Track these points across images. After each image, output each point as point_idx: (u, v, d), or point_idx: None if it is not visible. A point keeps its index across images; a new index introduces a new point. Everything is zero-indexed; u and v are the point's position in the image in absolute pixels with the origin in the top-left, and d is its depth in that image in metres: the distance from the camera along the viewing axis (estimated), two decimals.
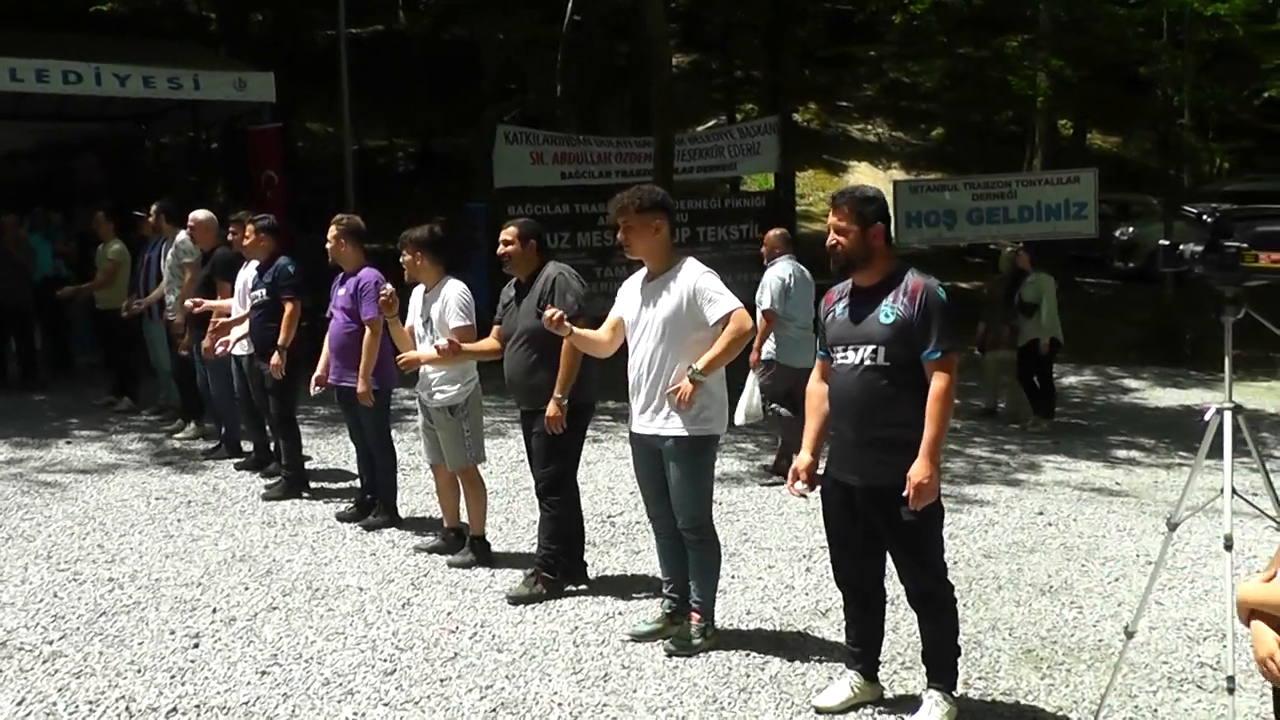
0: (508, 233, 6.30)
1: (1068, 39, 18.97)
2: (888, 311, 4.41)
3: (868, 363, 4.42)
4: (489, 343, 6.45)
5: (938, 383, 4.33)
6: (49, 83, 14.68)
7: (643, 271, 5.49)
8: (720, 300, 5.17)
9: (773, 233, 9.49)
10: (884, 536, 4.54)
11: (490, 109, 20.05)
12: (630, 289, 5.51)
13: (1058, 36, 18.98)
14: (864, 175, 26.84)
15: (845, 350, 4.50)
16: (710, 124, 24.74)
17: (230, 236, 9.21)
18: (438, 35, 23.30)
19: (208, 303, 9.16)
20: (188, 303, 9.33)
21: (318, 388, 7.79)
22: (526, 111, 23.91)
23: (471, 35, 23.04)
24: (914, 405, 4.35)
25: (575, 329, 5.58)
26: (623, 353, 5.58)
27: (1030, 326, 11.56)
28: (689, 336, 5.20)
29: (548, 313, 5.44)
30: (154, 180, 18.49)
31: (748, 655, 5.31)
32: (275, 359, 8.07)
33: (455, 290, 6.67)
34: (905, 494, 4.28)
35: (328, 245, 7.64)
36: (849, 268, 4.53)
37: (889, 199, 7.07)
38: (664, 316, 5.23)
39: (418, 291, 6.89)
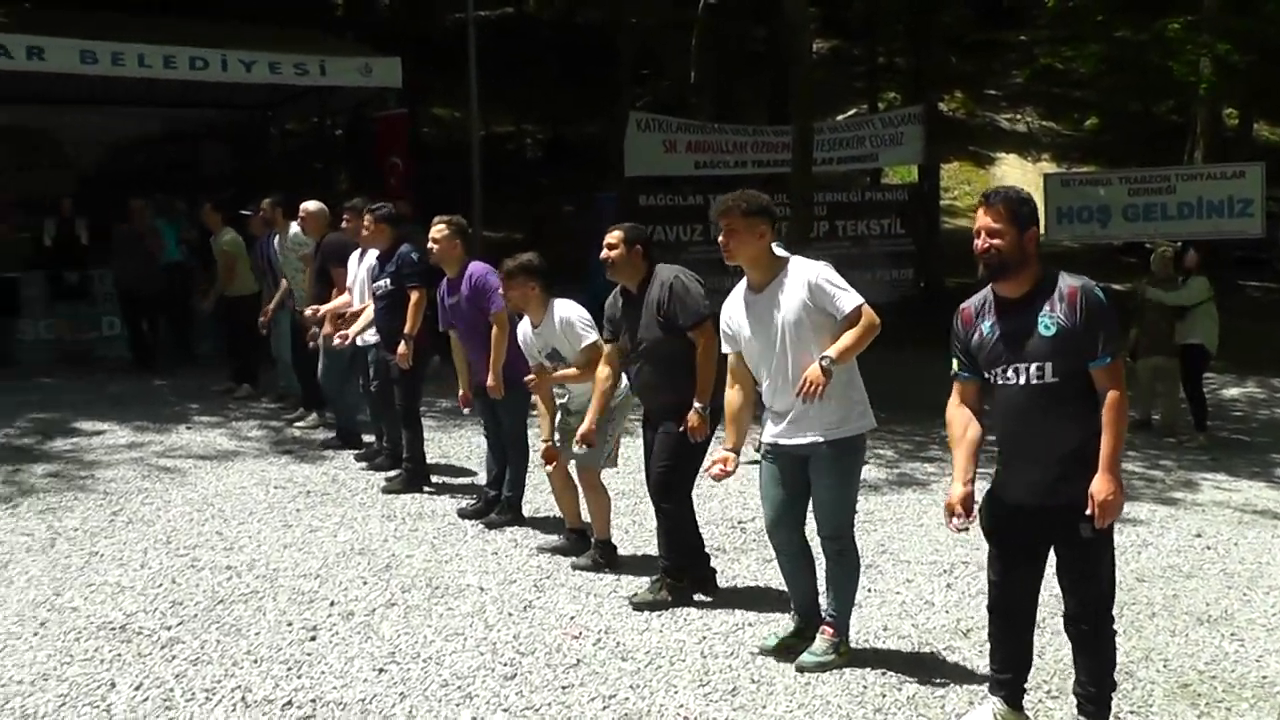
0: (612, 236, 6.15)
1: (1234, 21, 18.22)
2: (1047, 323, 4.19)
3: (1035, 381, 4.22)
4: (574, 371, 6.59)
5: (1112, 391, 4.14)
6: (176, 69, 15.07)
7: (743, 285, 5.35)
8: (848, 293, 5.04)
9: None
10: (1059, 557, 4.35)
11: (623, 95, 20.04)
12: (735, 307, 5.35)
13: (1223, 18, 18.26)
14: (1012, 167, 26.32)
15: (1007, 370, 4.29)
16: (851, 113, 24.46)
17: (344, 224, 9.29)
18: (569, 19, 23.35)
19: (324, 307, 9.25)
20: (306, 311, 9.47)
21: (465, 408, 7.83)
22: (660, 98, 23.86)
23: (604, 19, 23.04)
24: (1088, 418, 4.17)
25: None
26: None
27: (1185, 330, 11.21)
28: (817, 334, 5.06)
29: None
30: (278, 167, 18.81)
31: (884, 674, 5.16)
32: (401, 349, 8.09)
33: (571, 311, 6.64)
34: (1088, 512, 4.10)
35: (432, 245, 7.58)
36: (1000, 274, 4.29)
37: (1039, 193, 6.83)
38: (789, 321, 5.09)
39: (525, 329, 6.86)
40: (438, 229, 7.56)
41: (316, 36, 18.73)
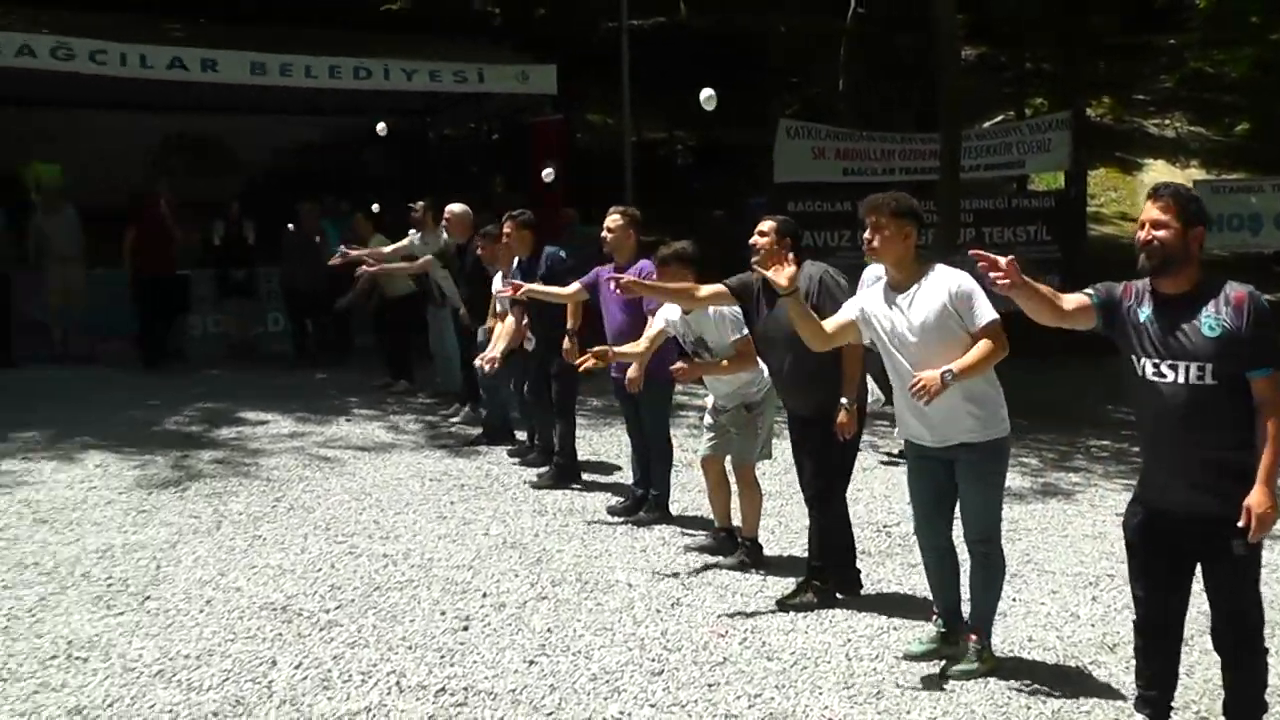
0: (765, 225, 6.06)
1: None
2: (1211, 324, 3.97)
3: (1194, 381, 3.99)
4: (725, 363, 6.52)
5: (1275, 402, 3.93)
6: (341, 79, 15.45)
7: (883, 281, 5.23)
8: (984, 308, 4.87)
9: None
10: (1207, 572, 4.14)
11: (772, 102, 19.86)
12: (875, 300, 5.20)
13: None
14: (1160, 174, 25.36)
15: (1161, 365, 4.07)
16: (998, 119, 23.89)
17: (479, 251, 9.33)
18: (720, 27, 23.25)
19: (496, 346, 9.13)
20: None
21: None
22: (808, 105, 23.62)
23: (754, 27, 22.92)
24: (1245, 427, 3.95)
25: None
26: None
27: None
28: (945, 341, 4.90)
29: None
30: (436, 171, 19.08)
31: (1028, 686, 4.97)
32: (566, 344, 7.99)
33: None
34: (1241, 524, 3.88)
35: (606, 234, 7.62)
36: (1161, 269, 4.07)
37: None
38: (928, 324, 4.92)
39: (674, 312, 6.77)
40: (613, 218, 7.61)
41: (475, 45, 18.98)
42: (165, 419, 10.46)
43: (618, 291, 6.50)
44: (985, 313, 4.87)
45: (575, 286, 7.80)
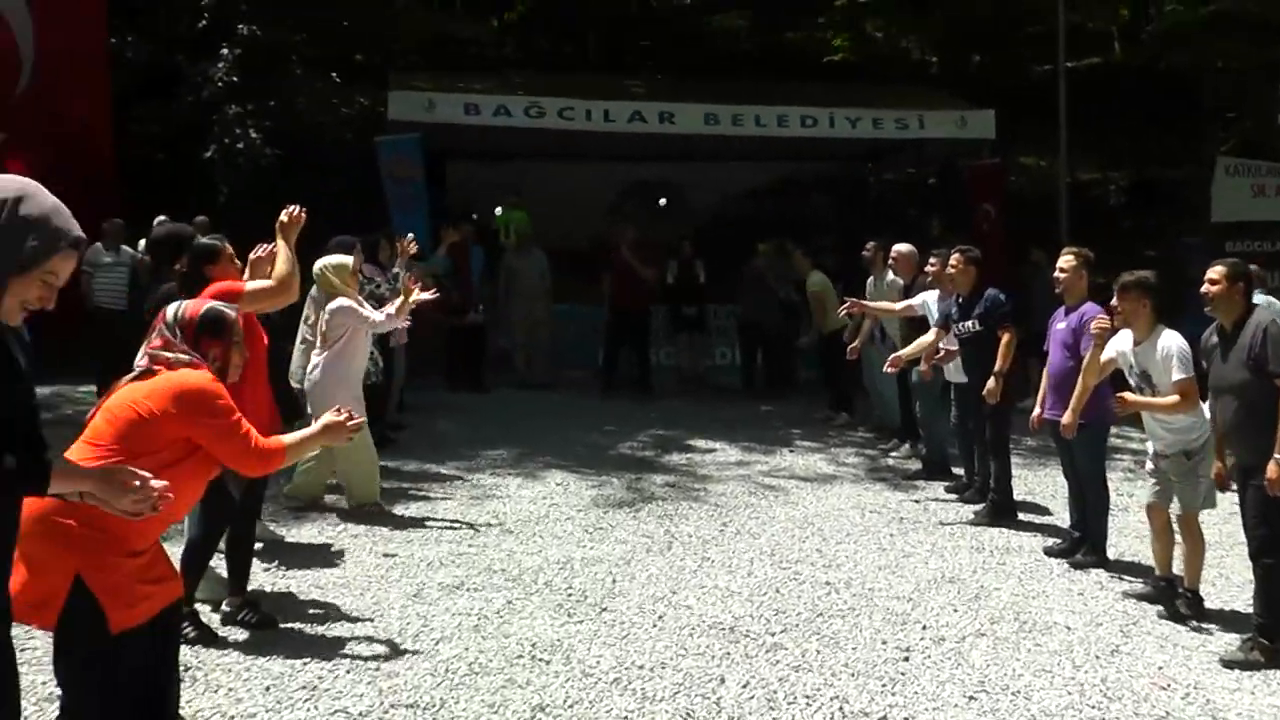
0: (1215, 272, 5.74)
1: None
2: None
3: None
4: (1168, 400, 6.08)
5: None
6: (788, 127, 15.68)
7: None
8: None
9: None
10: None
11: (1206, 139, 18.54)
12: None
13: None
14: None
15: None
16: None
17: (928, 279, 9.18)
18: (1154, 65, 21.96)
19: (906, 350, 9.08)
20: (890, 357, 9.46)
21: (1034, 427, 7.55)
22: (1245, 141, 21.88)
23: (1189, 63, 21.52)
24: None
25: None
26: None
27: None
28: None
29: None
30: (875, 215, 19.00)
31: None
32: (991, 384, 7.88)
33: (1174, 342, 6.16)
34: None
35: (1059, 274, 7.36)
36: None
37: None
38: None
39: (1124, 343, 6.47)
40: (1066, 259, 7.38)
41: (915, 93, 18.80)
42: (620, 444, 10.87)
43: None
44: None
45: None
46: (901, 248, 9.99)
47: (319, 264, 7.99)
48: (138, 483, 2.98)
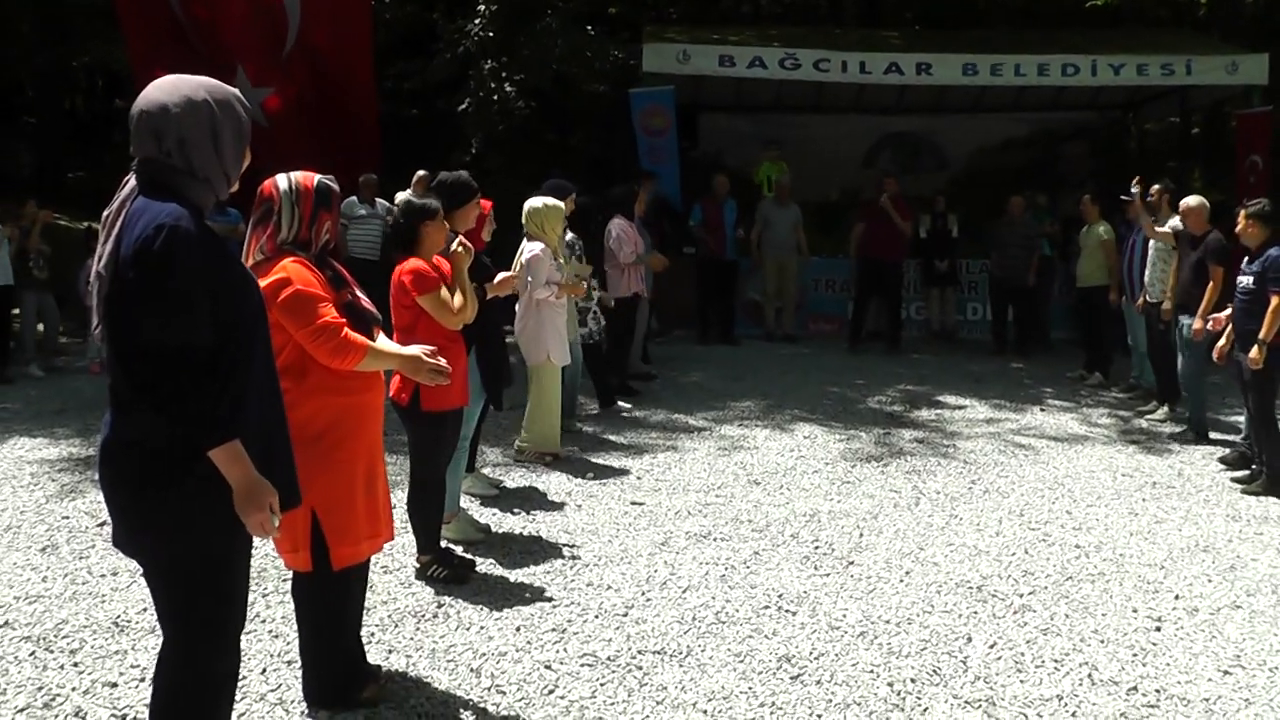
0: None
1: None
2: None
3: None
4: None
5: None
6: (1048, 76, 15.19)
7: None
8: None
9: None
10: None
11: None
12: None
13: None
14: None
15: None
16: None
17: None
18: None
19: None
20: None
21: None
22: None
23: None
24: None
25: None
26: None
27: None
28: None
29: None
30: (1135, 165, 18.19)
31: None
32: (1254, 352, 7.49)
33: None
34: None
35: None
36: None
37: None
38: None
39: None
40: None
41: (1182, 37, 17.87)
42: (869, 398, 10.83)
43: None
44: None
45: None
46: (1191, 201, 9.38)
47: (530, 202, 7.88)
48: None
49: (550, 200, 7.89)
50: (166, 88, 3.02)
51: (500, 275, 6.54)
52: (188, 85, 3.04)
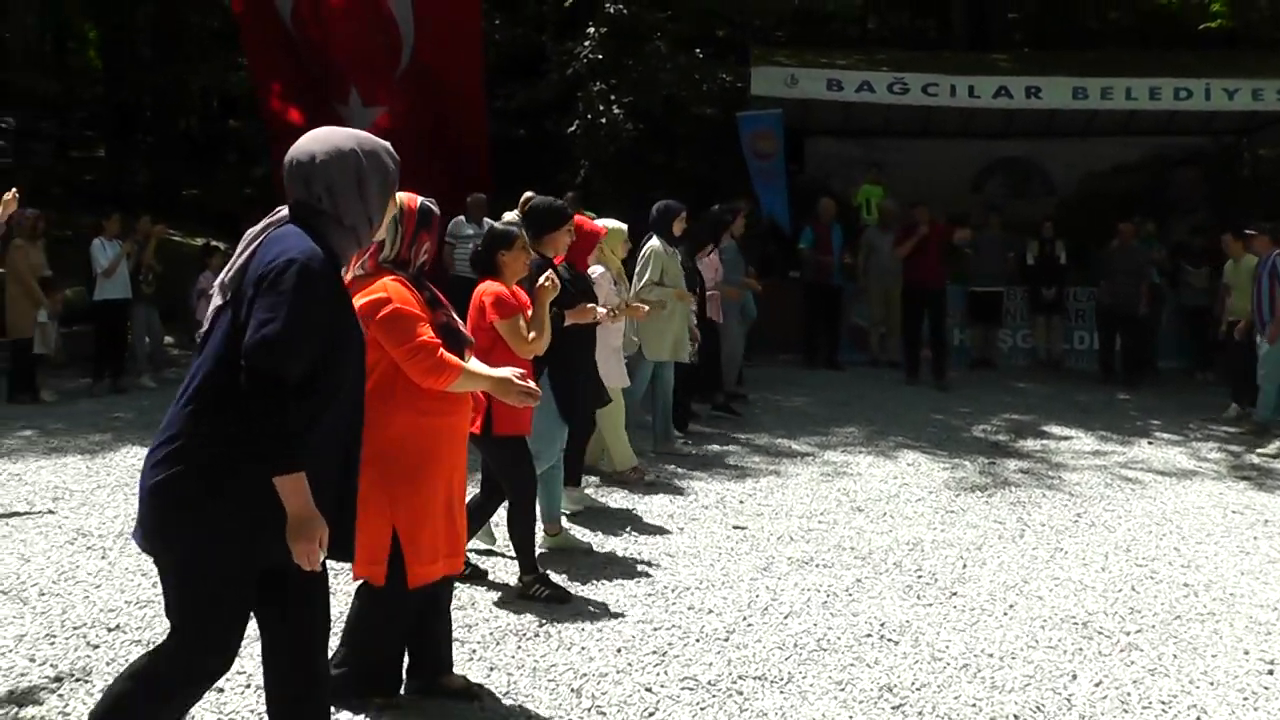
0: None
1: None
2: None
3: None
4: None
5: None
6: (1160, 100, 14.93)
7: None
8: None
9: None
10: None
11: None
12: None
13: None
14: None
15: None
16: None
17: None
18: None
19: None
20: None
21: None
22: None
23: None
24: None
25: None
26: None
27: None
28: None
29: None
30: (1249, 192, 17.76)
31: None
32: None
33: None
34: None
35: None
36: None
37: None
38: None
39: None
40: None
41: None
42: (974, 426, 10.73)
43: None
44: None
45: None
46: None
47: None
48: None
49: (613, 223, 7.85)
50: (320, 137, 3.21)
51: (586, 307, 6.49)
52: (339, 136, 3.22)
